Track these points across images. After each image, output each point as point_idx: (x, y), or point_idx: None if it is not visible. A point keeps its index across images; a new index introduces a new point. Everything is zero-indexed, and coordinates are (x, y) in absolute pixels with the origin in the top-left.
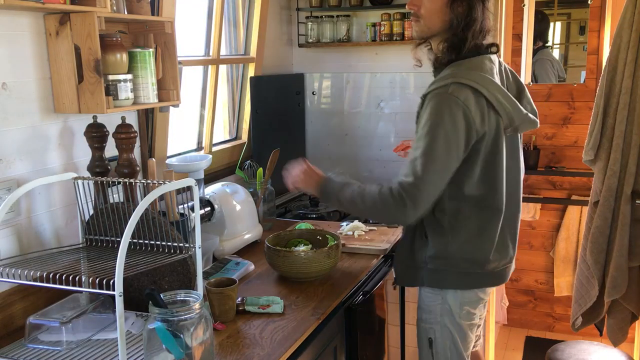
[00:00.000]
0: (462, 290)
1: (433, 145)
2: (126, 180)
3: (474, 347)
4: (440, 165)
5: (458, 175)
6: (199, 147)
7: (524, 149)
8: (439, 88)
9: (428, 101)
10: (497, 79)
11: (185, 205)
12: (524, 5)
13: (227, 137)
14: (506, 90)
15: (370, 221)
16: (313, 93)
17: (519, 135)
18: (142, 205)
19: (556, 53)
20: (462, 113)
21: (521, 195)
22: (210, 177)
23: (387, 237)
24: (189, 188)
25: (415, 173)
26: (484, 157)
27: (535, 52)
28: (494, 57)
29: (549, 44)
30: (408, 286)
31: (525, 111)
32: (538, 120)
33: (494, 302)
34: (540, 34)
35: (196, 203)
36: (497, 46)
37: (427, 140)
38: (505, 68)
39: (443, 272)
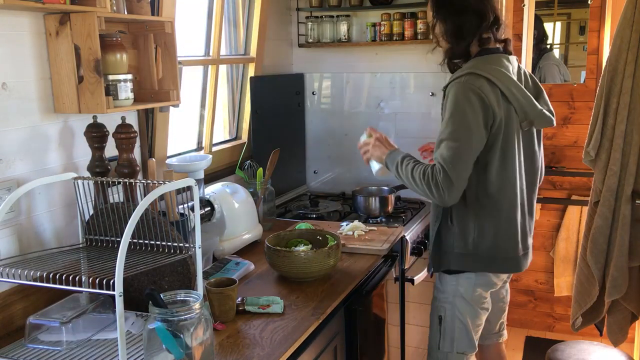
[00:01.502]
0: (476, 273)
1: (456, 128)
2: (126, 180)
3: (498, 338)
4: (464, 146)
5: (479, 163)
6: (199, 147)
7: None
8: (457, 79)
9: (448, 92)
10: (513, 77)
11: (185, 205)
12: (524, 5)
13: (227, 137)
14: (521, 86)
15: (371, 221)
16: (313, 93)
17: (535, 133)
18: (142, 205)
19: (556, 53)
20: (478, 97)
21: (536, 190)
22: (210, 177)
23: (387, 237)
24: (189, 188)
25: (443, 158)
26: (501, 144)
27: (540, 54)
28: (512, 58)
29: (549, 44)
30: (437, 271)
31: (539, 107)
32: (554, 119)
33: None
34: (540, 36)
35: (196, 203)
36: (509, 45)
37: (450, 125)
38: (524, 72)
39: (470, 257)
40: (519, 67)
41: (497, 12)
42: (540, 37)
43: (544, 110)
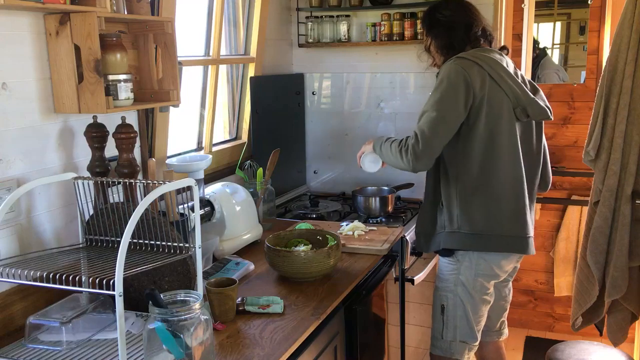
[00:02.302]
0: (477, 260)
1: (435, 102)
2: (126, 180)
3: (498, 336)
4: (439, 117)
5: (463, 141)
6: (199, 147)
7: None
8: (447, 63)
9: (439, 73)
10: (503, 65)
11: (185, 205)
12: (524, 6)
13: (227, 137)
14: (513, 75)
15: (371, 221)
16: (313, 93)
17: (534, 126)
18: (142, 205)
19: (556, 53)
20: (462, 76)
21: (536, 181)
22: (210, 177)
23: (387, 237)
24: (189, 188)
25: (419, 127)
26: (485, 125)
27: (536, 60)
28: (506, 57)
29: (543, 47)
30: (426, 252)
31: (532, 96)
32: (550, 113)
33: None
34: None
35: (196, 203)
36: (506, 51)
37: (431, 99)
38: (520, 73)
39: (457, 235)
40: (514, 67)
41: (484, 24)
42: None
43: (538, 100)
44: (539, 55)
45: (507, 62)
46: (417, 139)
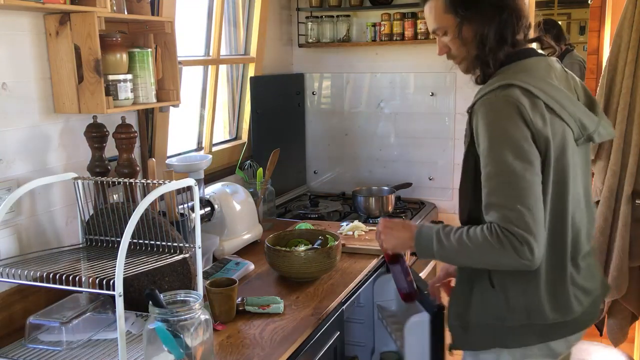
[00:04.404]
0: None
1: (500, 156)
2: (126, 180)
3: None
4: (523, 175)
5: None
6: (199, 147)
7: None
8: (486, 94)
9: (476, 112)
10: (556, 83)
11: (185, 205)
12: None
13: (227, 137)
14: (570, 94)
15: (371, 221)
16: (313, 93)
17: (590, 148)
18: (142, 205)
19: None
20: (518, 111)
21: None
22: (210, 177)
23: None
24: (189, 188)
25: (502, 205)
26: (553, 173)
27: (563, 55)
28: (552, 60)
29: (569, 44)
30: (478, 350)
31: (597, 117)
32: (614, 131)
33: None
34: (558, 38)
35: (196, 203)
36: (544, 43)
37: (490, 157)
38: (572, 76)
39: (527, 328)
40: (563, 69)
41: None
42: (554, 38)
43: (603, 120)
44: (567, 49)
45: (556, 71)
46: (518, 219)
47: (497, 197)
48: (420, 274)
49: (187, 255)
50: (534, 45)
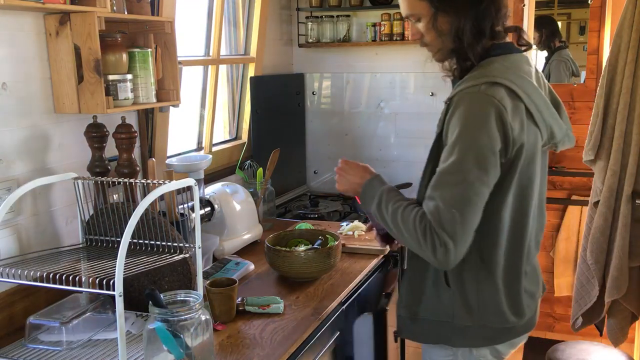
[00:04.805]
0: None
1: (463, 157)
2: (126, 180)
3: None
4: (474, 184)
5: (490, 203)
6: (199, 147)
7: None
8: (469, 87)
9: (454, 105)
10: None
11: (185, 205)
12: (524, 5)
13: (227, 137)
14: (547, 99)
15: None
16: (313, 93)
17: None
18: (142, 205)
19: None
20: (498, 114)
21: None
22: (210, 177)
23: None
24: (189, 188)
25: (444, 200)
26: (518, 177)
27: (553, 52)
28: (529, 58)
29: (563, 41)
30: (422, 342)
31: (565, 126)
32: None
33: None
34: (553, 34)
35: (196, 203)
36: (524, 35)
37: (456, 152)
38: (542, 76)
39: (476, 329)
40: (536, 70)
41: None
42: (549, 34)
43: (569, 130)
44: (560, 46)
45: (532, 71)
46: (449, 222)
47: (440, 193)
48: None
49: (187, 255)
50: (510, 35)
